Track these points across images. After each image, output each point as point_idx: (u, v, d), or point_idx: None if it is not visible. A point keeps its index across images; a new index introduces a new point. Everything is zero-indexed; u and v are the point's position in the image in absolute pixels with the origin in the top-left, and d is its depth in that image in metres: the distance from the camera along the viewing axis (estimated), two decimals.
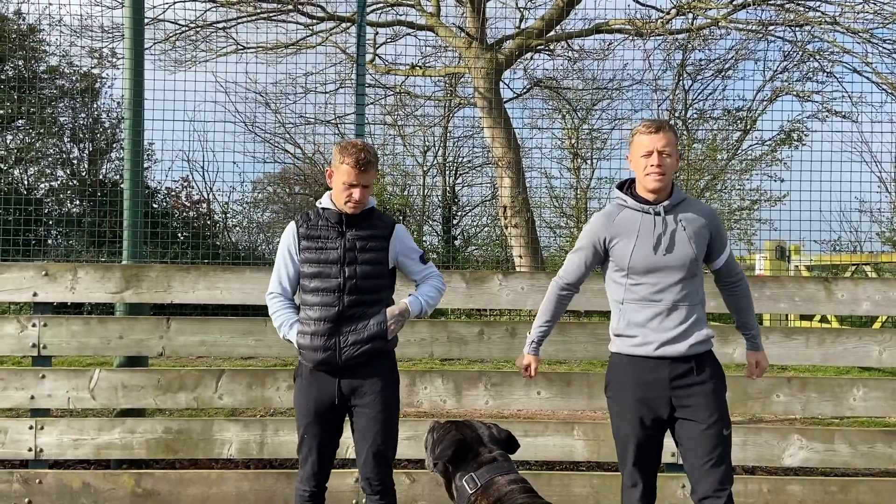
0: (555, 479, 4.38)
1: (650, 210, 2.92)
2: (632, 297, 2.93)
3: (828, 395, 4.37)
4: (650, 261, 2.88)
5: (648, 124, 2.93)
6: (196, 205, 14.37)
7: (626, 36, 9.40)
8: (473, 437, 2.56)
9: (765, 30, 9.14)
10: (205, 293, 4.30)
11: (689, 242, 2.89)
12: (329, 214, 3.12)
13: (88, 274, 4.26)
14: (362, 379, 3.09)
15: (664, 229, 2.89)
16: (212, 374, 4.31)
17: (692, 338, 2.87)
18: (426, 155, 15.28)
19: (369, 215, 3.16)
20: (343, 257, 3.06)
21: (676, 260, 2.88)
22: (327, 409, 3.11)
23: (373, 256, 3.10)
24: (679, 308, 2.89)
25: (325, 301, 3.05)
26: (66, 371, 4.33)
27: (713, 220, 2.99)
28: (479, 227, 15.69)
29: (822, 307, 4.46)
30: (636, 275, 2.91)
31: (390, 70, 13.09)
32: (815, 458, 4.35)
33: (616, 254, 2.94)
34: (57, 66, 12.19)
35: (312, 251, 3.10)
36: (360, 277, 3.06)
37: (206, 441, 4.27)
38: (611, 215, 2.99)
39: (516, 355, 4.56)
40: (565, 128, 14.14)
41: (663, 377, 2.87)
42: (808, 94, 11.03)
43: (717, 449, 2.84)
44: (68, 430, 4.24)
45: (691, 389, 2.87)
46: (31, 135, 12.96)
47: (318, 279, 3.08)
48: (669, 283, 2.88)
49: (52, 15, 12.55)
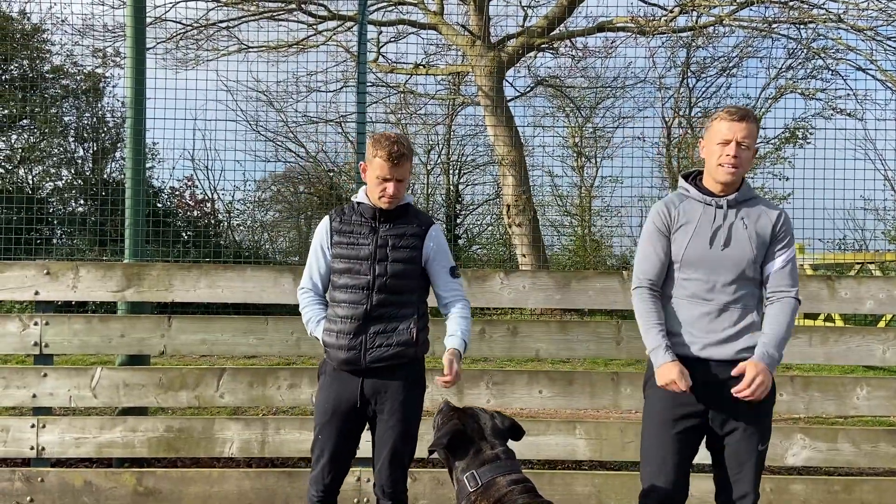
0: (557, 479, 4.36)
1: (713, 202, 2.74)
2: (682, 293, 2.75)
3: (831, 395, 4.35)
4: (704, 255, 2.70)
5: (732, 111, 2.71)
6: (200, 204, 14.40)
7: (629, 34, 9.38)
8: (475, 429, 2.53)
9: (769, 27, 9.11)
10: (206, 292, 4.30)
11: (749, 242, 2.69)
12: (363, 209, 3.03)
13: (90, 273, 4.26)
14: (386, 382, 2.97)
15: (724, 223, 2.71)
16: (213, 372, 4.31)
17: (740, 342, 2.68)
18: (430, 154, 15.27)
19: (405, 212, 3.05)
20: (374, 254, 2.96)
21: (733, 258, 2.68)
22: (347, 410, 3.00)
23: (405, 255, 2.99)
24: (730, 310, 2.70)
25: (353, 298, 2.96)
26: (68, 370, 4.34)
27: (780, 220, 2.75)
28: (482, 226, 15.68)
29: (825, 306, 4.44)
30: (688, 268, 2.73)
31: (394, 69, 13.09)
32: (818, 457, 4.33)
33: (674, 243, 2.76)
34: (61, 65, 12.23)
35: (344, 246, 3.00)
36: (390, 276, 2.95)
37: (207, 440, 4.27)
38: (671, 202, 2.82)
39: (518, 354, 4.58)
40: (569, 126, 14.12)
41: (704, 381, 2.67)
42: (813, 92, 10.98)
43: (749, 463, 2.70)
44: (70, 429, 4.25)
45: (734, 399, 2.64)
46: (35, 135, 13.00)
47: (347, 275, 2.98)
48: (723, 281, 2.69)
49: (56, 15, 12.57)
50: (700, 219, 2.73)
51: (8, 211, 8.91)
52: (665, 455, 2.74)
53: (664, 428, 2.75)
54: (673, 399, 2.73)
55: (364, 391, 2.98)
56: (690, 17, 10.19)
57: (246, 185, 13.33)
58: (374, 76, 12.71)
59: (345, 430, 3.03)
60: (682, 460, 2.75)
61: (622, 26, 9.98)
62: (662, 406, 2.76)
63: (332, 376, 3.03)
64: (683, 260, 2.73)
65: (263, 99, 11.38)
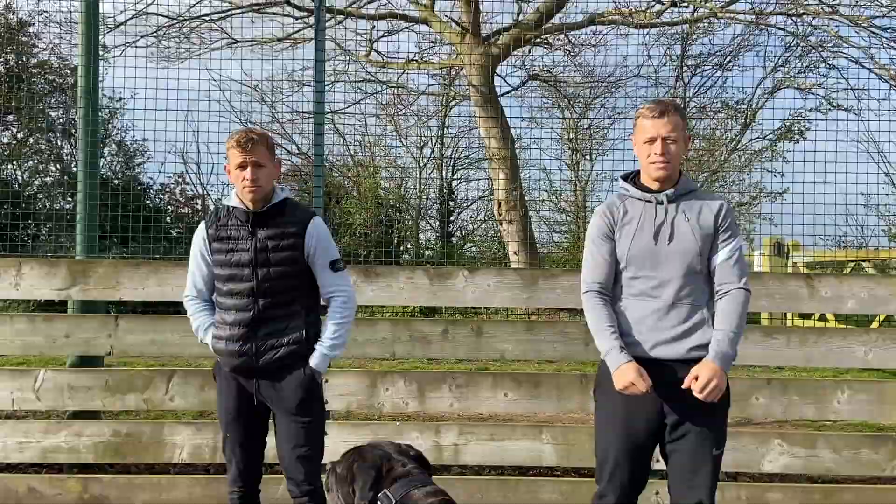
0: (522, 486, 4.18)
1: (653, 199, 2.70)
2: (629, 293, 2.70)
3: (810, 398, 4.15)
4: (649, 251, 2.64)
5: (652, 107, 2.67)
6: (191, 201, 14.25)
7: (617, 26, 9.16)
8: (381, 455, 2.31)
9: (760, 19, 8.88)
10: (156, 290, 4.12)
11: (693, 234, 2.64)
12: (237, 213, 2.96)
13: (33, 269, 4.09)
14: (281, 381, 2.95)
15: (666, 218, 2.66)
16: (163, 374, 4.13)
17: (691, 339, 2.61)
18: (422, 150, 15.08)
19: (281, 210, 2.97)
20: (255, 259, 2.90)
21: (677, 253, 2.63)
22: (247, 410, 3.01)
23: (286, 256, 2.93)
24: (679, 306, 2.62)
25: (239, 304, 2.92)
26: (11, 371, 4.18)
27: (722, 211, 2.68)
28: (476, 223, 15.48)
29: (804, 305, 4.24)
30: (634, 267, 2.68)
31: (386, 64, 12.89)
32: (796, 463, 4.13)
33: (619, 244, 2.71)
34: (46, 60, 12.08)
35: (223, 253, 2.95)
36: (273, 279, 2.91)
37: (156, 445, 4.10)
38: (612, 204, 2.78)
39: (482, 355, 4.39)
40: (563, 120, 13.90)
41: (657, 382, 2.58)
42: (810, 87, 10.75)
43: (704, 468, 2.61)
44: (13, 433, 4.08)
45: (684, 403, 2.57)
46: (22, 130, 12.86)
47: (230, 282, 2.95)
48: (670, 277, 2.63)
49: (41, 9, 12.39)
50: (642, 216, 2.69)
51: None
52: (619, 460, 2.67)
53: (618, 433, 2.68)
54: (625, 403, 2.65)
55: (260, 392, 2.97)
56: (679, 12, 9.98)
57: None
58: (367, 72, 12.54)
59: (250, 429, 3.04)
60: (637, 466, 2.68)
61: (612, 19, 9.77)
62: (615, 410, 2.68)
63: (227, 378, 3.02)
64: (629, 258, 2.68)
65: (254, 94, 11.22)
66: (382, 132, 13.47)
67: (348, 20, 11.78)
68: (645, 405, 2.62)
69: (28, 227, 10.82)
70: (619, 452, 2.66)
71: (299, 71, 10.46)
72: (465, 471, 4.62)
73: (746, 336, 4.14)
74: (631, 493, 2.70)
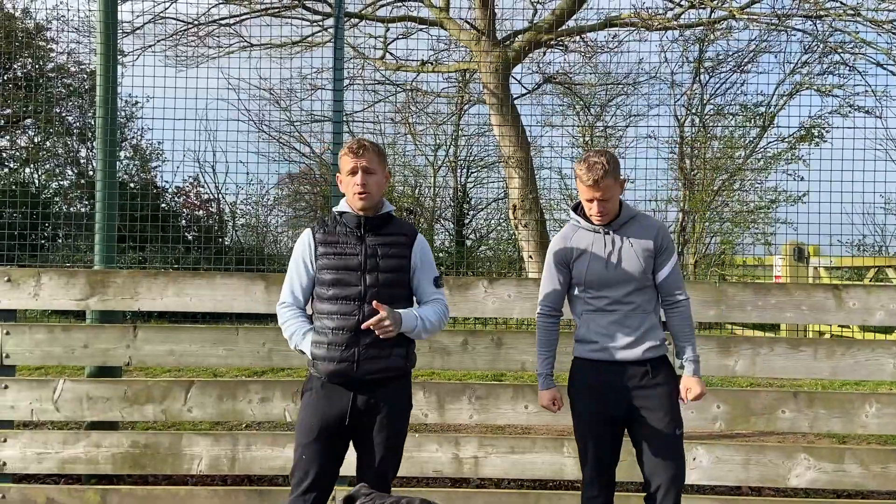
0: (543, 499, 4.12)
1: (600, 230, 3.14)
2: (589, 308, 3.14)
3: (837, 411, 4.07)
4: (603, 276, 3.09)
5: (587, 175, 3.00)
6: (206, 204, 14.28)
7: (635, 29, 9.06)
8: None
9: (781, 21, 8.75)
10: (174, 300, 4.10)
11: (637, 257, 3.09)
12: (347, 219, 2.94)
13: (52, 280, 4.08)
14: (378, 397, 2.88)
15: (613, 247, 3.10)
16: (181, 385, 4.11)
17: (646, 343, 3.08)
18: (437, 153, 15.03)
19: (389, 220, 2.99)
20: (364, 264, 2.87)
21: (626, 274, 3.08)
22: (336, 427, 2.86)
23: (395, 263, 2.91)
24: (632, 316, 3.08)
25: (343, 310, 2.84)
26: (30, 381, 4.16)
27: (660, 234, 3.15)
28: (491, 226, 15.41)
29: (831, 317, 4.15)
30: (591, 289, 3.12)
31: (400, 67, 12.85)
32: (823, 478, 4.06)
33: (574, 271, 3.15)
34: (63, 64, 12.13)
35: (331, 257, 2.89)
36: (381, 286, 2.86)
37: (174, 456, 4.08)
38: (567, 236, 3.20)
39: (502, 367, 4.33)
40: (579, 125, 13.81)
41: (621, 379, 3.07)
42: (830, 89, 10.61)
43: (670, 447, 3.03)
44: (32, 444, 4.07)
45: (647, 391, 3.06)
46: (39, 134, 12.93)
47: (336, 287, 2.87)
48: (621, 294, 3.09)
49: (59, 14, 12.46)
50: (593, 246, 3.13)
51: (13, 211, 8.82)
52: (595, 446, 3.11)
53: (591, 424, 3.12)
54: (594, 399, 3.10)
55: (357, 405, 2.86)
56: (698, 14, 9.86)
57: (249, 185, 13.17)
58: (381, 74, 12.50)
59: (331, 451, 2.89)
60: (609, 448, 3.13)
61: (630, 22, 9.67)
62: (587, 406, 3.13)
63: (321, 393, 2.88)
64: (586, 282, 3.12)
65: (269, 97, 11.21)
66: (397, 135, 13.45)
67: (362, 23, 11.76)
68: (612, 398, 3.07)
69: (45, 231, 10.87)
70: (595, 443, 3.12)
71: (314, 74, 10.45)
72: (484, 483, 4.57)
73: (773, 348, 4.10)
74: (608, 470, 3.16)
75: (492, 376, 6.06)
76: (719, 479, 4.09)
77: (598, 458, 3.12)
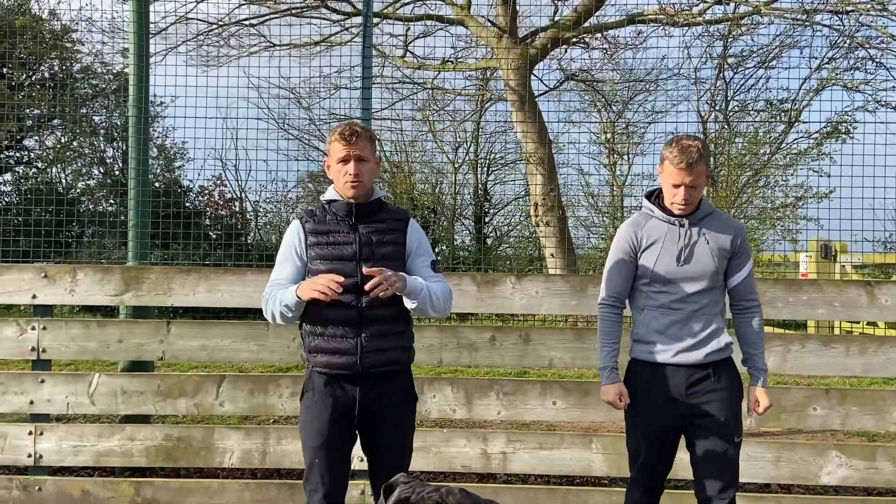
0: (571, 495, 4.13)
1: (675, 222, 2.96)
2: (652, 304, 2.97)
3: (869, 409, 4.03)
4: (672, 271, 2.92)
5: (679, 158, 2.82)
6: (229, 203, 14.40)
7: (660, 25, 9.01)
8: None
9: (807, 17, 8.67)
10: (206, 296, 4.16)
11: (711, 256, 2.92)
12: (337, 207, 2.80)
13: (88, 276, 4.15)
14: (383, 392, 2.76)
15: (687, 241, 2.93)
16: (213, 379, 4.16)
17: (709, 346, 2.91)
18: (457, 151, 15.04)
19: (380, 207, 2.85)
20: (359, 252, 2.73)
21: (696, 272, 2.91)
22: (344, 425, 2.75)
23: (391, 250, 2.78)
24: (697, 318, 2.92)
25: (341, 301, 2.67)
26: (66, 375, 4.24)
27: (738, 235, 2.99)
28: (511, 224, 15.39)
29: (863, 313, 4.12)
30: (658, 283, 2.95)
31: (422, 66, 12.88)
32: (855, 476, 4.02)
33: (641, 262, 2.98)
34: (90, 65, 12.30)
35: (323, 247, 2.75)
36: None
37: (206, 449, 4.13)
38: (638, 224, 3.03)
39: (530, 363, 4.35)
40: (601, 122, 13.76)
41: (680, 384, 2.91)
42: (857, 85, 10.48)
43: (728, 456, 2.89)
44: (68, 437, 4.15)
45: (707, 396, 2.91)
46: (67, 134, 13.12)
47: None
48: (689, 292, 2.92)
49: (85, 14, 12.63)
50: (665, 238, 2.96)
51: (39, 210, 8.97)
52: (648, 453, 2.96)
53: (646, 431, 2.97)
54: (651, 404, 2.94)
55: (362, 401, 2.73)
56: (724, 9, 9.79)
57: (273, 183, 13.25)
58: (402, 73, 12.53)
59: (342, 451, 2.78)
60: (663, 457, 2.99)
61: (654, 18, 9.62)
62: (642, 411, 2.97)
63: (324, 392, 2.74)
64: (653, 276, 2.96)
65: (291, 97, 11.29)
66: (418, 134, 13.48)
67: (384, 22, 11.80)
68: (670, 403, 2.91)
69: (72, 230, 11.04)
70: (648, 448, 2.96)
71: (335, 74, 10.51)
72: (511, 479, 4.58)
73: (804, 345, 4.08)
74: (658, 478, 3.01)
75: (515, 374, 6.07)
76: (750, 477, 4.07)
77: (649, 465, 2.97)
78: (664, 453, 2.98)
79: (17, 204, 12.22)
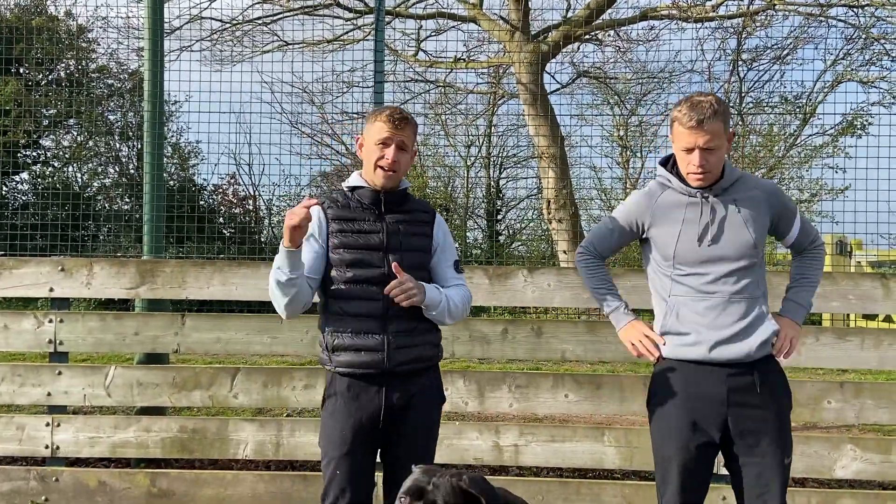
0: (584, 488, 4.13)
1: (697, 194, 2.51)
2: (681, 291, 2.54)
3: (885, 402, 4.00)
4: (698, 252, 2.49)
5: (688, 113, 2.40)
6: (243, 201, 14.48)
7: (673, 21, 8.99)
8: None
9: (822, 11, 8.62)
10: (219, 289, 4.19)
11: (746, 227, 2.48)
12: (362, 194, 2.62)
13: (104, 269, 4.19)
14: (412, 390, 2.60)
15: (712, 217, 2.48)
16: (227, 372, 4.20)
17: (753, 337, 2.47)
18: (469, 149, 15.05)
19: (406, 198, 2.70)
20: (386, 242, 2.57)
21: (729, 249, 2.47)
22: (370, 431, 2.57)
23: (419, 242, 2.64)
24: (736, 302, 2.48)
25: (366, 293, 2.53)
26: (83, 368, 4.29)
27: (774, 195, 2.58)
28: (524, 221, 15.38)
29: (879, 306, 4.09)
30: (684, 265, 2.52)
31: (434, 63, 12.90)
32: (870, 469, 4.00)
33: (659, 241, 2.56)
34: (105, 65, 12.41)
35: (347, 234, 2.57)
36: (406, 267, 2.53)
37: (221, 441, 4.17)
38: (652, 195, 2.60)
39: (542, 355, 4.35)
40: (614, 118, 13.72)
41: (719, 392, 2.47)
42: (873, 80, 10.40)
43: (775, 479, 2.47)
44: (84, 428, 4.19)
45: (752, 411, 2.47)
46: (82, 133, 13.24)
47: (356, 268, 2.55)
48: (723, 273, 2.47)
49: (100, 15, 12.74)
50: (686, 214, 2.52)
51: (56, 208, 9.06)
52: (681, 472, 2.51)
53: (679, 445, 2.52)
54: (685, 413, 2.52)
55: (391, 402, 2.55)
56: (740, 4, 9.74)
57: (286, 181, 13.31)
58: (414, 71, 12.56)
59: (366, 461, 2.59)
60: (700, 480, 2.54)
61: (667, 14, 9.59)
62: (674, 421, 2.53)
63: (347, 396, 2.55)
64: (676, 256, 2.53)
65: (304, 96, 11.34)
66: (430, 132, 13.48)
67: (396, 20, 11.83)
68: (707, 416, 2.48)
69: (88, 228, 11.14)
70: (680, 465, 2.50)
71: (348, 72, 10.55)
72: (523, 472, 4.59)
73: (818, 338, 4.05)
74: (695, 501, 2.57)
75: (527, 368, 6.07)
76: None
77: (684, 488, 2.49)
78: (701, 471, 2.53)
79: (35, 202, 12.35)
